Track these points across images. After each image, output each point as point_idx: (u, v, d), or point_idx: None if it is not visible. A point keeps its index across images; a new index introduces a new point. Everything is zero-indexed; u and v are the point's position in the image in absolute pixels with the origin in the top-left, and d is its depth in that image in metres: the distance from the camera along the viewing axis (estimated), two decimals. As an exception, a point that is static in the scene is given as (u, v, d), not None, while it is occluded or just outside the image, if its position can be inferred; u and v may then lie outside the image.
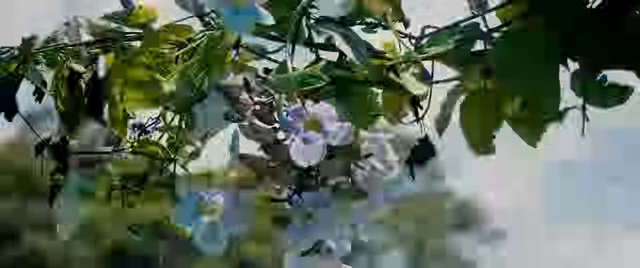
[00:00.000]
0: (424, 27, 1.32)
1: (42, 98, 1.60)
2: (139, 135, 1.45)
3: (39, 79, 1.53)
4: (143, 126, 1.47)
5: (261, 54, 1.43)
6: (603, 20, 1.18)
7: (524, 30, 1.19)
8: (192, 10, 1.37)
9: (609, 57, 1.16)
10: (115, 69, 1.36)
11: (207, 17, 1.37)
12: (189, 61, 1.33)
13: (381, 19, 1.37)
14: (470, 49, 1.21)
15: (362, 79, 1.26)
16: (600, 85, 1.16)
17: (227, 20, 1.23)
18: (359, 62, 1.27)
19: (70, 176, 1.48)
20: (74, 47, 1.50)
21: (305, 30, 1.38)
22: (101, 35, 1.48)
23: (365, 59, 1.27)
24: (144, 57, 1.36)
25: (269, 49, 1.46)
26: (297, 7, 1.37)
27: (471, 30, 1.22)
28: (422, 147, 1.30)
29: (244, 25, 1.24)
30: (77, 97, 1.50)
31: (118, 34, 1.48)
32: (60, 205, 1.43)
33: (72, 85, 1.51)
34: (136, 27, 1.45)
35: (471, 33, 1.21)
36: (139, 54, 1.36)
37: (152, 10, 1.44)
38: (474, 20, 1.25)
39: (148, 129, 1.48)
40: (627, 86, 1.15)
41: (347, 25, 1.35)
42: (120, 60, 1.37)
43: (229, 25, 1.23)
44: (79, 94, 1.50)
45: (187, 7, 1.37)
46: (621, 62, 1.16)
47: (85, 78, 1.50)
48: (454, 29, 1.25)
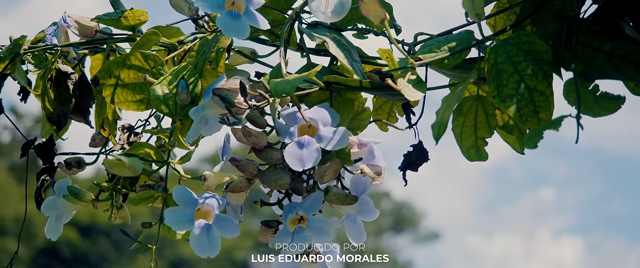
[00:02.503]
0: (417, 34, 1.33)
1: (27, 98, 1.60)
2: (128, 137, 1.45)
3: (25, 79, 1.52)
4: (132, 128, 1.47)
5: (253, 58, 1.43)
6: (595, 30, 1.20)
7: (517, 38, 1.20)
8: (186, 12, 1.37)
9: (601, 66, 1.18)
10: (105, 70, 1.36)
11: (201, 20, 1.37)
12: (181, 64, 1.33)
13: (372, 25, 1.39)
14: (464, 56, 1.22)
15: (354, 84, 1.26)
16: (594, 95, 1.17)
17: (224, 24, 1.23)
18: (351, 68, 1.28)
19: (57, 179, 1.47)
20: (62, 48, 1.49)
21: (297, 34, 1.39)
22: (90, 37, 1.47)
23: (359, 64, 1.28)
24: (136, 59, 1.35)
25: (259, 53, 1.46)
26: (289, 12, 1.38)
27: (465, 38, 1.23)
28: (416, 152, 1.31)
29: (241, 30, 1.24)
30: (66, 97, 1.49)
31: (107, 36, 1.47)
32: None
33: (59, 85, 1.51)
34: (126, 29, 1.45)
35: (465, 41, 1.22)
36: (131, 56, 1.35)
37: (142, 13, 1.43)
38: (468, 28, 1.27)
39: (137, 131, 1.48)
40: (620, 96, 1.17)
41: (339, 31, 1.36)
42: (111, 62, 1.36)
43: (225, 29, 1.23)
44: (67, 95, 1.50)
45: (181, 9, 1.37)
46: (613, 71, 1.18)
47: (73, 79, 1.50)
48: (447, 37, 1.26)
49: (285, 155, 1.21)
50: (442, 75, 1.32)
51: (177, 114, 1.29)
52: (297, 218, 1.25)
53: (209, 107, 1.25)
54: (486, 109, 1.33)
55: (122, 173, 1.25)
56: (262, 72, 1.39)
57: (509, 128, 1.33)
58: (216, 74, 1.31)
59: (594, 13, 1.21)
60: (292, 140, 1.22)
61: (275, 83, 1.17)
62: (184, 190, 1.21)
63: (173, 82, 1.29)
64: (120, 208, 1.38)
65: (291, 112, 1.24)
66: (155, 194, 1.31)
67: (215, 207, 1.22)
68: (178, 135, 1.30)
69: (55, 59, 1.50)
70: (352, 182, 1.30)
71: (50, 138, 1.51)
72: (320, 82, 1.25)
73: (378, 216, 1.30)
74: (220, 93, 1.23)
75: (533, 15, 1.24)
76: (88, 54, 1.56)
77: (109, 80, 1.36)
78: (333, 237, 1.26)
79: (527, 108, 1.18)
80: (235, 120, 1.22)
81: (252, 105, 1.22)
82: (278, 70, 1.29)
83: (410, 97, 1.16)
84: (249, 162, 1.26)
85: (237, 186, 1.29)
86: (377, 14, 1.17)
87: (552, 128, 1.08)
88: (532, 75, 1.18)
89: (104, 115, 1.48)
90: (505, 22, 1.33)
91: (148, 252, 1.34)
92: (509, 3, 1.32)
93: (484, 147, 1.33)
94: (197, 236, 1.20)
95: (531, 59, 1.19)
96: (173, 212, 1.20)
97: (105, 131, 1.48)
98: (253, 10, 1.25)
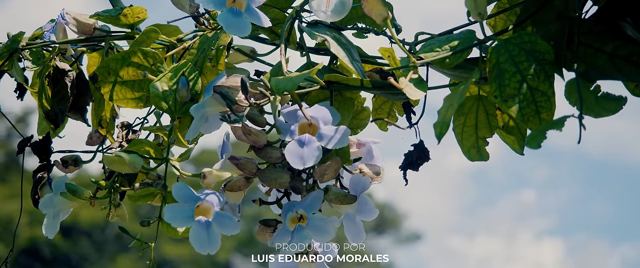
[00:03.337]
0: (418, 33, 1.33)
1: (23, 95, 1.59)
2: (126, 134, 1.44)
3: (22, 76, 1.52)
4: (130, 125, 1.47)
5: (252, 56, 1.43)
6: (597, 30, 1.20)
7: (519, 38, 1.20)
8: (187, 9, 1.36)
9: (603, 67, 1.18)
10: (104, 67, 1.35)
11: (201, 18, 1.37)
12: (180, 62, 1.33)
13: (374, 24, 1.39)
14: (466, 56, 1.22)
15: (355, 83, 1.26)
16: (595, 95, 1.17)
17: (226, 21, 1.23)
18: (352, 67, 1.27)
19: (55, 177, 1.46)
20: (61, 45, 1.48)
21: (297, 33, 1.39)
22: (88, 34, 1.46)
23: (360, 63, 1.28)
24: (135, 57, 1.35)
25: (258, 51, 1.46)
26: (290, 10, 1.38)
27: (467, 38, 1.23)
28: (417, 151, 1.31)
29: (242, 27, 1.24)
30: (63, 95, 1.48)
31: (105, 33, 1.47)
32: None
33: (57, 83, 1.50)
34: (125, 26, 1.44)
35: (467, 40, 1.22)
36: (130, 53, 1.35)
37: (141, 10, 1.43)
38: (469, 27, 1.27)
39: (135, 129, 1.47)
40: (621, 96, 1.17)
41: (339, 30, 1.36)
42: (110, 59, 1.35)
43: (227, 26, 1.23)
44: (64, 92, 1.49)
45: (182, 6, 1.37)
46: (615, 72, 1.18)
47: (70, 76, 1.49)
48: (449, 36, 1.26)
49: (286, 154, 1.21)
50: (442, 74, 1.32)
51: (177, 111, 1.28)
52: (297, 217, 1.25)
53: (210, 104, 1.24)
54: (487, 109, 1.33)
55: (121, 170, 1.25)
56: (262, 71, 1.39)
57: (509, 128, 1.33)
58: (216, 72, 1.30)
59: (596, 13, 1.22)
60: (292, 139, 1.21)
61: (277, 81, 1.17)
62: (183, 186, 1.21)
63: (173, 79, 1.28)
64: (118, 206, 1.38)
65: (292, 110, 1.23)
66: (154, 191, 1.31)
67: (215, 204, 1.22)
68: (177, 133, 1.30)
69: (53, 56, 1.49)
70: (351, 181, 1.30)
71: (46, 136, 1.50)
72: (321, 81, 1.25)
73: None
74: (222, 90, 1.22)
75: (534, 16, 1.24)
76: (86, 51, 1.55)
77: (108, 78, 1.36)
78: (333, 235, 1.25)
79: (529, 108, 1.18)
80: (236, 117, 1.21)
81: (253, 103, 1.21)
82: (278, 68, 1.28)
83: (412, 96, 1.16)
84: (248, 161, 1.26)
85: (235, 185, 1.28)
86: (380, 13, 1.17)
87: (555, 128, 1.08)
88: (534, 75, 1.18)
89: (102, 112, 1.47)
90: (505, 22, 1.33)
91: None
92: (509, 3, 1.32)
93: (485, 147, 1.33)
94: (197, 233, 1.19)
95: (533, 58, 1.19)
96: (173, 209, 1.20)
97: (103, 129, 1.48)
98: (254, 8, 1.25)
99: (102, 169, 1.47)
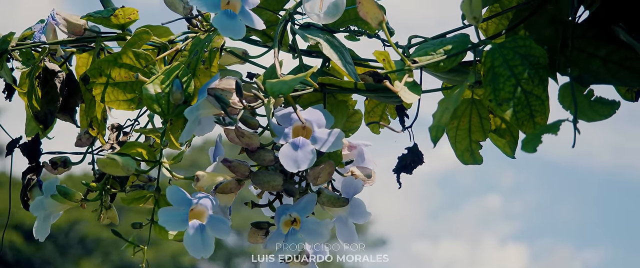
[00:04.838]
0: (411, 36, 1.33)
1: (12, 96, 1.58)
2: (117, 136, 1.44)
3: (10, 77, 1.51)
4: (121, 127, 1.46)
5: (244, 58, 1.43)
6: (590, 35, 1.21)
7: (513, 42, 1.21)
8: (180, 11, 1.36)
9: (596, 71, 1.19)
10: (96, 68, 1.34)
11: (194, 20, 1.36)
12: (173, 64, 1.32)
13: (368, 27, 1.39)
14: (461, 60, 1.22)
15: (349, 85, 1.26)
16: (588, 100, 1.18)
17: (220, 23, 1.23)
18: (345, 70, 1.27)
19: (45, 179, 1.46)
20: (51, 46, 1.47)
21: (290, 35, 1.39)
22: (79, 35, 1.46)
23: (353, 66, 1.28)
24: (127, 58, 1.34)
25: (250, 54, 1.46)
26: (282, 12, 1.38)
27: (461, 41, 1.23)
28: (411, 155, 1.31)
29: (237, 29, 1.24)
30: (52, 96, 1.48)
31: (95, 34, 1.46)
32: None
33: (46, 84, 1.49)
34: (116, 27, 1.44)
35: (461, 44, 1.22)
36: (122, 55, 1.34)
37: (132, 12, 1.42)
38: (463, 31, 1.27)
39: (126, 131, 1.46)
40: (614, 101, 1.17)
41: (331, 33, 1.36)
42: (102, 60, 1.35)
43: (221, 28, 1.23)
44: (54, 93, 1.48)
45: (175, 8, 1.36)
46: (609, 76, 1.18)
47: (60, 77, 1.48)
48: (443, 40, 1.26)
49: (279, 157, 1.20)
50: (435, 78, 1.33)
51: (170, 114, 1.28)
52: (290, 220, 1.25)
53: (204, 106, 1.24)
54: (480, 113, 1.33)
55: (114, 173, 1.24)
56: (254, 73, 1.38)
57: (501, 132, 1.33)
58: (209, 74, 1.30)
59: (589, 18, 1.22)
60: (286, 142, 1.21)
61: (272, 84, 1.17)
62: (177, 190, 1.20)
63: (166, 81, 1.28)
64: (109, 208, 1.37)
65: (285, 113, 1.23)
66: (147, 194, 1.30)
67: (209, 207, 1.21)
68: (170, 135, 1.29)
69: (43, 56, 1.48)
70: (343, 184, 1.30)
71: (36, 137, 1.49)
72: (314, 84, 1.25)
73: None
74: (216, 93, 1.22)
75: (527, 20, 1.24)
76: (75, 52, 1.54)
77: (99, 79, 1.35)
78: (326, 238, 1.25)
79: (523, 112, 1.18)
80: (230, 120, 1.21)
81: (247, 105, 1.21)
82: (272, 70, 1.28)
83: (407, 99, 1.16)
84: (241, 163, 1.25)
85: (227, 187, 1.28)
86: (376, 16, 1.17)
87: (550, 132, 1.08)
88: (529, 79, 1.19)
89: (93, 114, 1.46)
90: (497, 26, 1.33)
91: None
92: (501, 7, 1.32)
93: (478, 151, 1.34)
94: (191, 236, 1.19)
95: (528, 62, 1.19)
96: (167, 212, 1.19)
97: (93, 130, 1.47)
98: (248, 10, 1.25)
99: (92, 171, 1.46)
